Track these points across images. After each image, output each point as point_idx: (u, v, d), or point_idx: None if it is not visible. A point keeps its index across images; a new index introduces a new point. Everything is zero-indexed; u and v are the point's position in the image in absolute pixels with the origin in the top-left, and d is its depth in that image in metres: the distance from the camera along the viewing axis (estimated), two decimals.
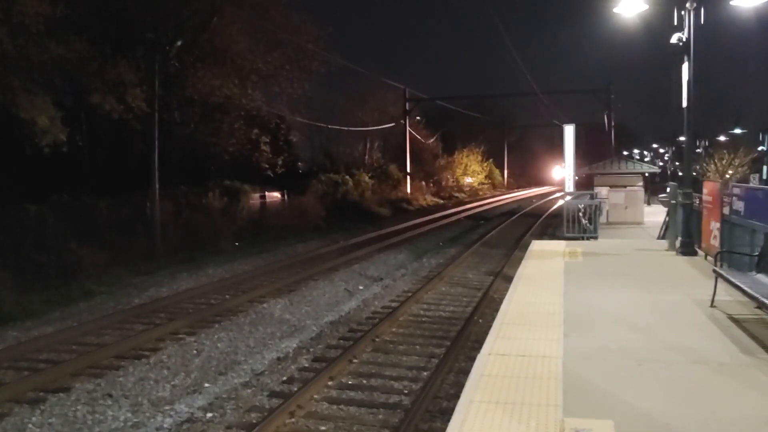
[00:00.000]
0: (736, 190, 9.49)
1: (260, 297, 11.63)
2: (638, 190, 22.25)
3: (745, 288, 6.33)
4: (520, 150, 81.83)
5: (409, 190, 42.78)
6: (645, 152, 77.71)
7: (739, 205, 9.16)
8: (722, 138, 50.19)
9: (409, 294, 11.89)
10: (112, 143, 20.09)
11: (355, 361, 7.89)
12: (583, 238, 15.89)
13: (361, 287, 12.94)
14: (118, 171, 19.16)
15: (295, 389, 6.77)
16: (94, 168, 19.36)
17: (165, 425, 6.13)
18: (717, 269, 7.35)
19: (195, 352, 8.41)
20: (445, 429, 4.16)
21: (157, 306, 11.05)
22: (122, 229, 16.17)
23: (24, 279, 11.84)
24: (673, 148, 51.36)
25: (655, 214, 21.88)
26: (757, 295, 6.04)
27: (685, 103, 11.02)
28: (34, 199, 14.72)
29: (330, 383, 7.07)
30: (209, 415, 6.38)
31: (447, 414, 5.92)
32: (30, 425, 6.06)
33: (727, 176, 37.11)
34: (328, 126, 37.47)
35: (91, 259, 13.66)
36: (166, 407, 6.55)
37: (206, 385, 7.23)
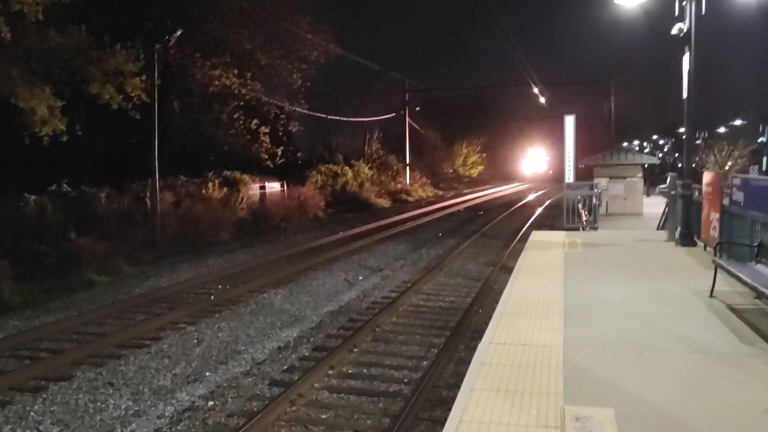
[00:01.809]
0: (736, 181, 9.48)
1: (260, 287, 11.65)
2: (637, 181, 22.27)
3: (745, 278, 6.35)
4: (521, 142, 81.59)
5: (408, 182, 42.76)
6: (644, 143, 77.50)
7: (739, 196, 9.15)
8: (722, 129, 50.23)
9: (409, 285, 11.91)
10: (111, 133, 20.10)
11: (355, 350, 7.91)
12: (582, 229, 15.93)
13: (360, 278, 12.96)
14: (117, 161, 19.18)
15: (296, 378, 6.80)
16: (93, 158, 19.37)
17: (166, 413, 6.16)
18: (716, 260, 7.36)
19: (195, 341, 8.43)
20: (445, 417, 4.18)
21: (158, 296, 11.07)
22: (122, 219, 16.16)
23: (24, 269, 11.83)
24: (673, 140, 51.34)
25: (654, 205, 21.89)
26: (756, 285, 6.07)
27: (685, 94, 11.00)
28: (33, 188, 14.70)
29: (330, 372, 7.10)
30: (210, 403, 6.41)
31: (447, 403, 5.96)
32: (32, 413, 6.09)
33: (727, 167, 37.15)
34: (328, 117, 37.38)
35: (90, 249, 13.66)
36: (167, 396, 6.58)
37: (207, 374, 7.25)
